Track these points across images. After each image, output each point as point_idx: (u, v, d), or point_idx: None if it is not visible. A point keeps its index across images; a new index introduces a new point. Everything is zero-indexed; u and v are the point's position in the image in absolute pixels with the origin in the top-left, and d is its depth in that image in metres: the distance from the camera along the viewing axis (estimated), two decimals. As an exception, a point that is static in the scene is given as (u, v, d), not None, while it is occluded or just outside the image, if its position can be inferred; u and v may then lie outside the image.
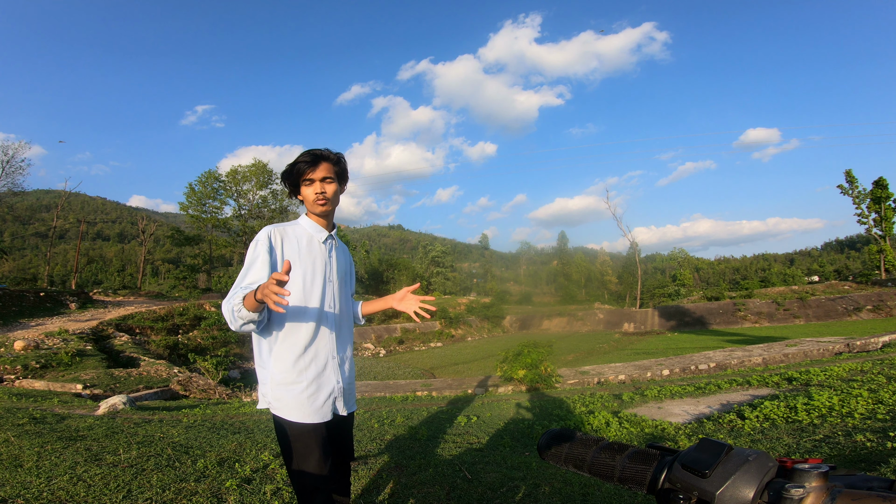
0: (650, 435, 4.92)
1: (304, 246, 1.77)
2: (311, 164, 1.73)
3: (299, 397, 1.66)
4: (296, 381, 1.67)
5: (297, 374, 1.67)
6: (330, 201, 1.78)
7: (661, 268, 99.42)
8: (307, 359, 1.69)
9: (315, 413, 1.67)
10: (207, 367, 12.17)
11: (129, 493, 2.59)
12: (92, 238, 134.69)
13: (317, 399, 1.68)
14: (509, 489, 3.06)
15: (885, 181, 37.02)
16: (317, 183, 1.74)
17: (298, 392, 1.66)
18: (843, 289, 35.30)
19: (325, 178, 1.76)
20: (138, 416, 5.51)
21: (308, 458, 1.65)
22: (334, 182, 1.78)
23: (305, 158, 1.73)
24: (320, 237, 1.81)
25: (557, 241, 64.62)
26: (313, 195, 1.75)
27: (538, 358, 9.61)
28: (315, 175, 1.74)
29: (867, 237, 44.48)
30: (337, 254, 1.86)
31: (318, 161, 1.74)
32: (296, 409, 1.66)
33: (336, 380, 1.75)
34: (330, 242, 1.84)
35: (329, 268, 1.80)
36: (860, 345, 11.74)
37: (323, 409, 1.70)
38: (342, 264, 1.89)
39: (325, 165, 1.75)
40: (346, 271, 1.95)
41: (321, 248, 1.80)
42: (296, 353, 1.68)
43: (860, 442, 3.53)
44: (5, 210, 34.66)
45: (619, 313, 38.59)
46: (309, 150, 1.79)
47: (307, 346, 1.70)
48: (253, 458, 3.39)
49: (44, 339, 13.12)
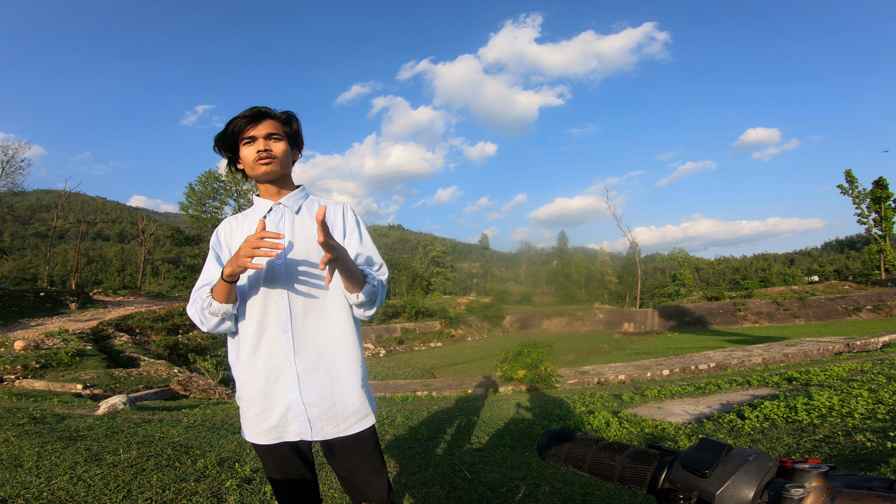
0: (650, 435, 4.92)
1: (246, 228, 1.46)
2: (252, 119, 1.41)
3: (246, 413, 1.39)
4: (244, 393, 1.39)
5: (242, 384, 1.39)
6: (277, 160, 1.42)
7: (661, 268, 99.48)
8: (256, 365, 1.37)
9: (262, 434, 1.37)
10: (207, 367, 12.17)
11: (129, 493, 2.59)
12: (92, 238, 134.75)
13: (266, 417, 1.36)
14: (509, 489, 3.06)
15: (885, 181, 37.04)
16: (259, 140, 1.40)
17: (244, 406, 1.39)
18: (843, 289, 35.30)
19: (271, 135, 1.42)
20: (138, 416, 5.51)
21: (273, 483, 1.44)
22: (283, 140, 1.44)
23: (244, 114, 1.41)
24: (261, 211, 1.47)
25: (557, 241, 64.64)
26: (254, 154, 1.40)
27: (538, 358, 9.62)
28: (257, 132, 1.41)
29: (867, 237, 44.48)
30: (294, 224, 1.45)
31: (261, 117, 1.42)
32: (246, 425, 1.40)
33: (292, 392, 1.35)
34: (280, 212, 1.47)
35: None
36: (860, 345, 11.74)
37: (275, 429, 1.36)
38: (306, 235, 1.43)
39: (269, 122, 1.43)
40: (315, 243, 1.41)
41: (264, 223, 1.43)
42: (243, 358, 1.39)
43: (860, 442, 3.53)
44: (5, 210, 34.69)
45: (619, 313, 38.60)
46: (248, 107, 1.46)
47: (253, 349, 1.37)
48: (253, 458, 3.38)
49: (44, 339, 13.12)
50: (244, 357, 1.38)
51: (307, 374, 1.36)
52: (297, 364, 1.36)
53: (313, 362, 1.37)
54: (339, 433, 1.38)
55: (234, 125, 1.41)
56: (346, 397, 1.39)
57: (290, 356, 1.36)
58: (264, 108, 1.45)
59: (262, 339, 1.37)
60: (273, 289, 1.38)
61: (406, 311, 34.79)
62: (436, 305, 37.64)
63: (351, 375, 1.41)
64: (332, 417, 1.37)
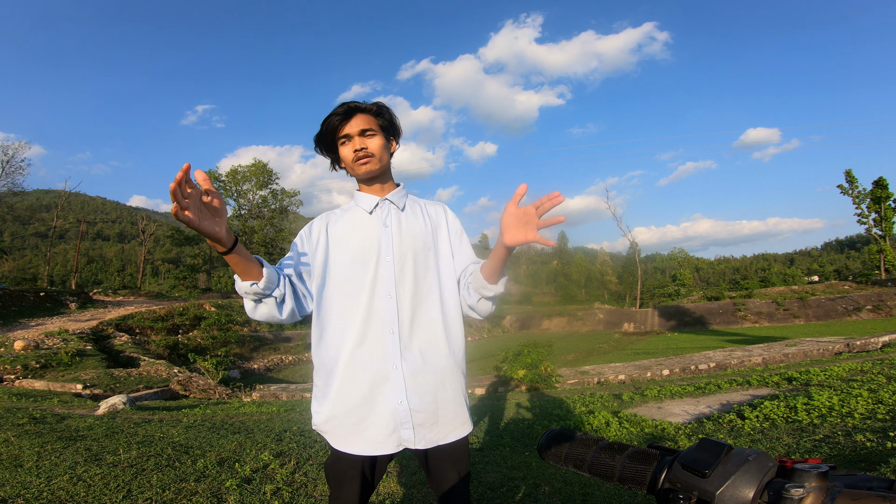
0: (650, 435, 4.92)
1: (355, 223, 1.41)
2: (344, 116, 1.37)
3: (343, 421, 1.28)
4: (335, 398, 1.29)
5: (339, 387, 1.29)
6: (375, 157, 1.39)
7: (661, 268, 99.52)
8: (357, 370, 1.29)
9: (360, 442, 1.27)
10: (207, 367, 12.18)
11: (129, 493, 2.59)
12: (92, 238, 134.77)
13: (365, 427, 1.27)
14: (509, 489, 3.06)
15: (885, 181, 37.06)
16: (355, 138, 1.38)
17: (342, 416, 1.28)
18: (843, 289, 35.31)
19: (366, 132, 1.38)
20: (138, 416, 5.52)
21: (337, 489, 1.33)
22: (377, 134, 1.40)
23: (336, 111, 1.38)
24: (367, 206, 1.42)
25: (557, 241, 63.82)
26: (352, 153, 1.38)
27: (538, 358, 9.62)
28: (351, 129, 1.38)
29: (867, 237, 44.51)
30: (401, 221, 1.41)
31: (353, 112, 1.38)
32: (337, 435, 1.29)
33: (398, 399, 1.27)
34: (386, 208, 1.42)
35: (383, 243, 1.37)
36: (860, 345, 11.75)
37: (375, 439, 1.27)
38: (413, 232, 1.39)
39: (361, 117, 1.39)
40: (428, 238, 1.41)
41: (369, 220, 1.41)
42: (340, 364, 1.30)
43: (860, 442, 3.53)
44: (5, 210, 34.67)
45: (619, 313, 38.61)
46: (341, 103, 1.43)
47: (354, 353, 1.30)
48: (253, 458, 3.38)
49: (44, 339, 13.12)
50: (344, 358, 1.30)
51: (413, 378, 1.29)
52: (404, 367, 1.29)
53: (419, 365, 1.30)
54: (439, 440, 1.30)
55: (327, 124, 1.39)
56: (449, 402, 1.32)
57: (397, 358, 1.29)
58: (354, 102, 1.41)
59: (366, 340, 1.30)
60: (381, 287, 1.33)
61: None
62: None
63: (455, 380, 1.35)
64: (435, 424, 1.30)
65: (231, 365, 16.71)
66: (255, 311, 1.29)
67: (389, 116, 1.45)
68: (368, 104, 1.42)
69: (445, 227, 1.47)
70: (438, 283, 1.39)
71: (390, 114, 1.46)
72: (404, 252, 1.36)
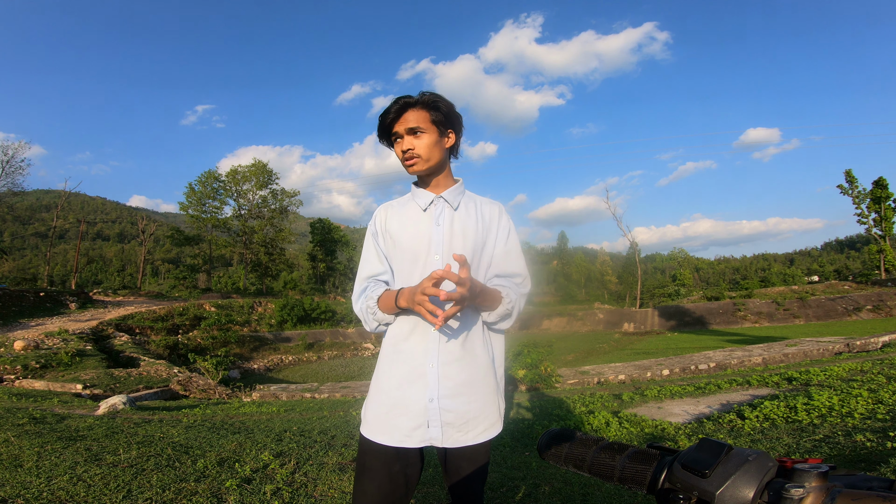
0: (650, 435, 4.92)
1: (408, 219, 1.42)
2: (395, 115, 1.35)
3: (376, 410, 1.33)
4: (380, 389, 1.34)
5: (379, 380, 1.35)
6: (421, 158, 1.36)
7: (661, 268, 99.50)
8: (397, 362, 1.33)
9: (386, 432, 1.29)
10: (207, 367, 12.19)
11: (129, 493, 2.58)
12: (92, 238, 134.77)
13: (394, 417, 1.29)
14: (509, 489, 3.06)
15: (885, 181, 37.06)
16: (405, 138, 1.36)
17: (379, 402, 1.33)
18: (843, 289, 35.31)
19: (415, 130, 1.35)
20: (138, 416, 5.52)
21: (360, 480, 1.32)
22: (427, 132, 1.36)
23: (389, 108, 1.36)
24: (422, 203, 1.42)
25: (557, 240, 64.66)
26: (401, 154, 1.38)
27: (538, 358, 9.62)
28: (400, 127, 1.35)
29: (867, 237, 44.49)
30: (453, 220, 1.39)
31: (404, 109, 1.35)
32: (369, 419, 1.34)
33: (430, 396, 1.28)
34: (440, 206, 1.41)
35: (434, 240, 1.37)
36: (860, 345, 11.75)
37: (401, 430, 1.28)
38: (465, 232, 1.38)
39: (412, 113, 1.35)
40: (475, 241, 1.38)
41: (423, 217, 1.41)
42: (387, 354, 1.36)
43: (860, 442, 3.53)
44: (5, 210, 34.68)
45: (619, 313, 38.59)
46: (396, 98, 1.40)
47: (398, 345, 1.34)
48: (253, 458, 3.38)
49: (44, 339, 13.12)
50: (389, 349, 1.34)
51: (447, 378, 1.29)
52: (440, 365, 1.29)
53: (455, 365, 1.30)
54: (467, 441, 1.29)
55: (382, 122, 1.38)
56: (481, 405, 1.31)
57: (434, 356, 1.29)
58: (405, 97, 1.37)
59: (411, 335, 1.32)
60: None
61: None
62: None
63: (489, 382, 1.34)
64: (465, 424, 1.29)
65: (231, 365, 16.71)
66: (378, 328, 1.37)
67: (446, 108, 1.39)
68: (424, 97, 1.38)
69: (496, 230, 1.44)
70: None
71: (447, 105, 1.39)
72: (454, 251, 1.35)
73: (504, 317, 1.34)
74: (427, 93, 1.39)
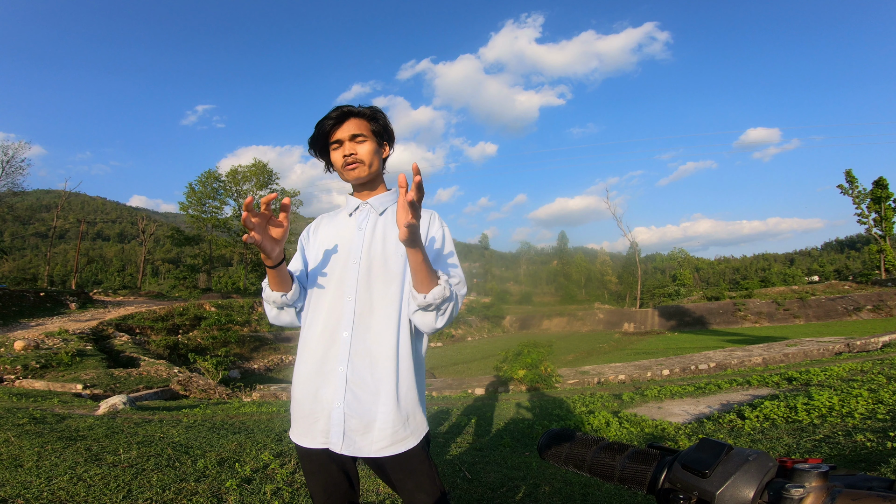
0: (650, 435, 4.92)
1: (336, 225, 1.46)
2: (337, 121, 1.38)
3: (296, 411, 1.35)
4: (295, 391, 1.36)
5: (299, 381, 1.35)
6: (363, 164, 1.39)
7: (661, 268, 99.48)
8: (314, 366, 1.32)
9: (304, 435, 1.31)
10: (207, 367, 12.19)
11: (129, 493, 2.59)
12: (92, 238, 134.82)
13: (314, 420, 1.30)
14: (509, 489, 3.06)
15: (885, 181, 37.07)
16: (346, 143, 1.38)
17: (296, 407, 1.35)
18: (843, 289, 35.32)
19: (356, 137, 1.38)
20: (138, 416, 5.52)
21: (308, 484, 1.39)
22: (368, 140, 1.40)
23: (329, 114, 1.39)
24: (349, 209, 1.46)
25: (557, 240, 64.68)
26: (341, 159, 1.39)
27: (538, 358, 9.63)
28: (342, 134, 1.38)
29: (867, 237, 44.50)
30: (376, 225, 1.40)
31: (346, 117, 1.39)
32: (292, 426, 1.37)
33: (337, 401, 1.27)
34: (365, 212, 1.43)
35: (354, 245, 1.37)
36: (860, 345, 11.75)
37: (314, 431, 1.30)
38: (386, 237, 1.38)
39: (354, 122, 1.39)
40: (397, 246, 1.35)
41: (347, 222, 1.44)
42: (303, 359, 1.36)
43: (860, 442, 3.53)
44: (5, 210, 34.66)
45: (619, 313, 38.60)
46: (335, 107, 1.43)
47: (314, 350, 1.33)
48: (253, 458, 3.39)
49: (44, 339, 13.12)
50: (305, 353, 1.34)
51: (355, 384, 1.27)
52: (349, 370, 1.27)
53: (365, 372, 1.27)
54: (370, 453, 1.24)
55: (320, 128, 1.40)
56: (388, 416, 1.25)
57: (344, 361, 1.28)
58: (347, 106, 1.41)
59: (322, 336, 1.32)
60: (345, 287, 1.34)
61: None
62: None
63: (401, 392, 1.28)
64: (367, 434, 1.25)
65: (231, 365, 16.72)
66: (278, 317, 1.38)
67: (383, 121, 1.45)
68: (362, 108, 1.43)
69: (425, 234, 1.38)
70: (402, 290, 1.33)
71: (384, 118, 1.45)
72: (372, 256, 1.35)
73: (439, 300, 1.21)
74: (366, 105, 1.44)
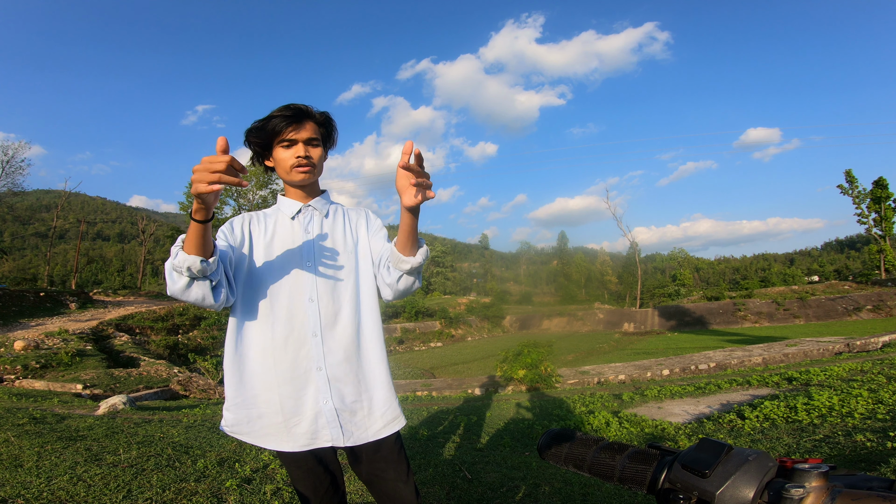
0: (650, 435, 4.92)
1: (273, 227, 1.42)
2: (293, 120, 1.35)
3: (270, 421, 1.30)
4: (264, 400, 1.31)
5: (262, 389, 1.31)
6: (315, 168, 1.40)
7: (661, 268, 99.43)
8: (282, 369, 1.30)
9: (289, 441, 1.30)
10: (207, 367, 12.18)
11: (129, 493, 2.59)
12: (92, 238, 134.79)
13: (295, 423, 1.30)
14: (509, 489, 3.06)
15: (885, 181, 37.07)
16: (300, 145, 1.36)
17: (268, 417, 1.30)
18: (843, 289, 35.31)
19: (311, 140, 1.38)
20: (138, 416, 5.52)
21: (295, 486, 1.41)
22: (320, 146, 1.41)
23: (285, 113, 1.35)
24: (289, 212, 1.44)
25: (557, 240, 64.74)
26: (293, 160, 1.36)
27: (538, 358, 9.62)
28: (298, 135, 1.36)
29: (867, 237, 44.50)
30: (322, 227, 1.44)
31: (303, 118, 1.36)
32: (268, 436, 1.31)
33: (324, 398, 1.30)
34: (309, 214, 1.45)
35: (304, 248, 1.39)
36: (860, 345, 11.75)
37: (305, 436, 1.30)
38: (334, 237, 1.43)
39: (310, 125, 1.38)
40: (349, 242, 1.43)
41: (292, 224, 1.42)
42: (261, 363, 1.31)
43: (860, 442, 3.53)
44: (5, 210, 34.73)
45: (619, 313, 38.60)
46: (287, 104, 1.39)
47: (279, 351, 1.31)
48: (253, 458, 3.39)
49: (44, 339, 13.12)
50: (268, 360, 1.31)
51: (337, 380, 1.32)
52: (328, 369, 1.32)
53: (344, 367, 1.33)
54: (369, 438, 1.33)
55: (273, 124, 1.34)
56: (376, 401, 1.36)
57: (321, 360, 1.32)
58: (305, 107, 1.39)
59: (288, 342, 1.31)
60: (301, 291, 1.34)
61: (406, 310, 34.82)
62: (436, 305, 37.64)
63: (380, 378, 1.38)
64: (363, 421, 1.34)
65: (231, 365, 16.72)
66: (187, 291, 1.18)
67: (332, 128, 1.46)
68: (318, 112, 1.42)
69: (365, 227, 1.48)
70: (357, 285, 1.40)
71: (333, 126, 1.47)
72: (325, 257, 1.39)
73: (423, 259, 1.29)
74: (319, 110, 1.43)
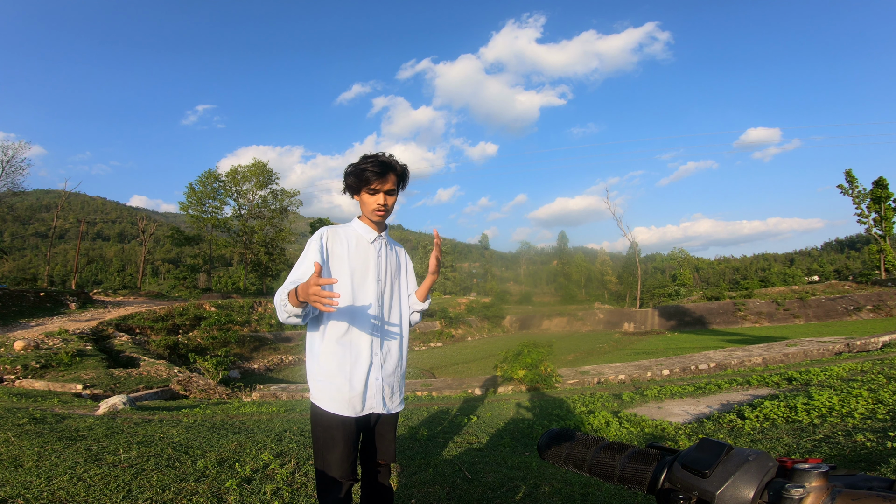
0: (650, 435, 4.92)
1: (353, 246, 1.83)
2: (380, 175, 1.75)
3: (340, 388, 1.71)
4: (336, 374, 1.72)
5: (338, 367, 1.73)
6: (389, 214, 1.85)
7: (661, 268, 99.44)
8: (352, 353, 1.74)
9: (347, 405, 1.71)
10: (207, 367, 12.18)
11: (129, 493, 2.59)
12: (92, 238, 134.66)
13: (353, 392, 1.72)
14: (509, 489, 3.06)
15: (885, 181, 37.03)
16: (381, 195, 1.78)
17: (339, 384, 1.72)
18: (843, 289, 35.29)
19: (390, 191, 1.80)
20: (138, 416, 5.51)
21: (332, 450, 1.69)
22: (395, 194, 1.83)
23: (375, 169, 1.75)
24: (369, 237, 1.86)
25: (557, 240, 64.60)
26: (374, 205, 1.79)
27: (538, 358, 9.61)
28: (382, 186, 1.77)
29: (867, 237, 44.48)
30: (387, 253, 1.90)
31: (387, 173, 1.77)
32: (331, 400, 1.72)
33: (376, 376, 1.77)
34: (379, 242, 1.88)
35: (379, 267, 1.85)
36: (860, 345, 11.74)
37: (357, 402, 1.73)
38: (393, 263, 1.92)
39: (392, 177, 1.79)
40: (398, 270, 1.95)
41: (369, 247, 1.85)
42: (341, 347, 1.74)
43: (860, 442, 3.53)
44: (5, 210, 34.67)
45: (619, 313, 38.58)
46: (377, 157, 1.78)
47: (352, 341, 1.75)
48: (253, 458, 3.39)
49: (44, 339, 13.12)
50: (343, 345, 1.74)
51: (385, 361, 1.82)
52: (381, 355, 1.81)
53: (388, 355, 1.83)
54: (394, 409, 1.84)
55: (366, 176, 1.75)
56: (400, 383, 1.89)
57: (378, 348, 1.80)
58: (390, 161, 1.79)
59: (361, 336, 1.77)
60: (372, 298, 1.81)
61: (406, 311, 34.73)
62: (436, 305, 37.59)
63: (404, 365, 1.92)
64: (393, 397, 1.84)
65: (231, 365, 16.70)
66: (289, 320, 1.63)
67: (407, 178, 1.89)
68: (399, 165, 1.83)
69: (405, 265, 2.04)
70: (401, 301, 1.94)
71: (407, 175, 1.89)
72: (389, 276, 1.89)
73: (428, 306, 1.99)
74: (401, 163, 1.84)
